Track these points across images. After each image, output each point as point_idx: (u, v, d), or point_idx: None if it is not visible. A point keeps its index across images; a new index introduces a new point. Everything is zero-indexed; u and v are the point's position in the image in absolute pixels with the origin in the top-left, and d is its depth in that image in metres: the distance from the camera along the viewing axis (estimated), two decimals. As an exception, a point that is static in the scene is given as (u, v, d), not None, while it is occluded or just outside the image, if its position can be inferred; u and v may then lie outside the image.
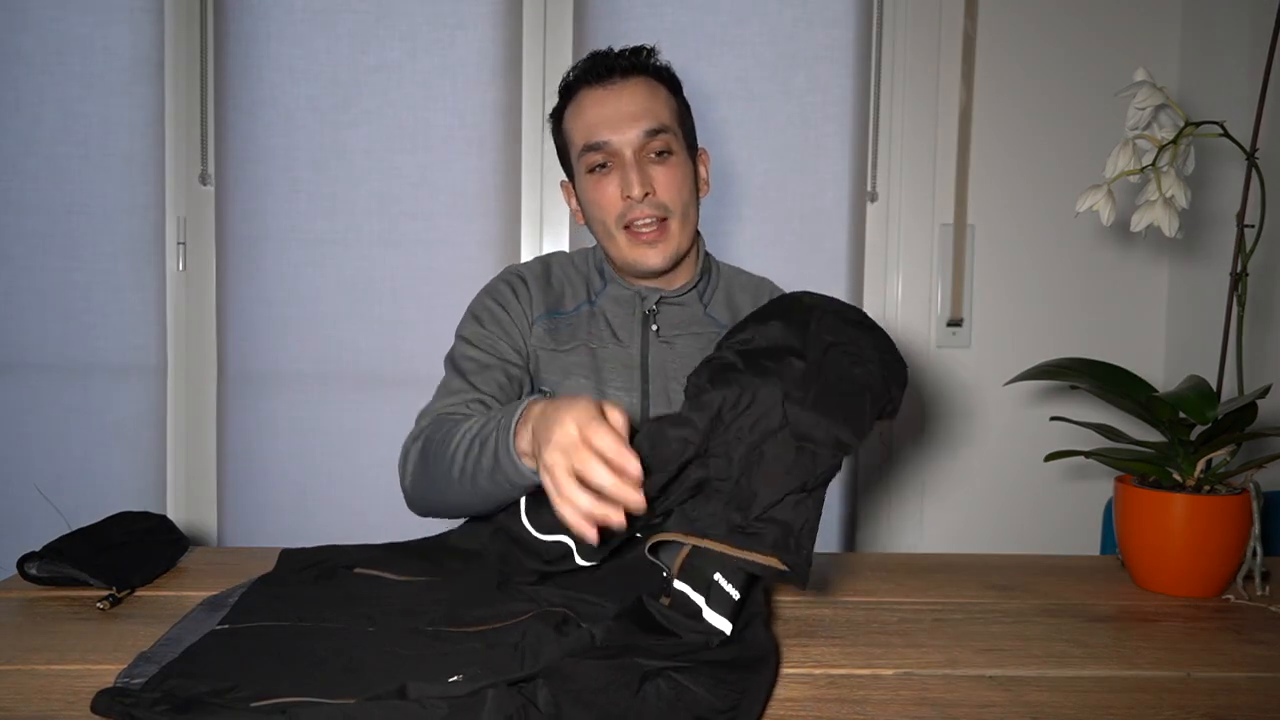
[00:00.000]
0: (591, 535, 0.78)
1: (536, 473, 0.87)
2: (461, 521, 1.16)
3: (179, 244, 2.06)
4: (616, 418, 0.81)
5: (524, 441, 0.89)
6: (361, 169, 2.04)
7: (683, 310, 1.23)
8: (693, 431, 0.84)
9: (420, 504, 1.12)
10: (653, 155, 1.15)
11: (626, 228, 1.15)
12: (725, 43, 2.03)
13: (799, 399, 0.84)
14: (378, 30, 2.03)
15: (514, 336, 1.20)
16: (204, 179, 2.05)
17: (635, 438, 0.83)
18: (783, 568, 0.81)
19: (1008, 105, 2.05)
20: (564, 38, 2.02)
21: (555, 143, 1.25)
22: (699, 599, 0.82)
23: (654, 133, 1.14)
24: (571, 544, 0.92)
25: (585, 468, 0.77)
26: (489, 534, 1.05)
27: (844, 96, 2.05)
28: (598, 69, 1.17)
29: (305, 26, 2.02)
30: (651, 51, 1.20)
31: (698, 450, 0.84)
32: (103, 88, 2.04)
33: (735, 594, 0.82)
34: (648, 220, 1.15)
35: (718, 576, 0.82)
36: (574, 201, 1.25)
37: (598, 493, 0.77)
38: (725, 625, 0.81)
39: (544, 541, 0.93)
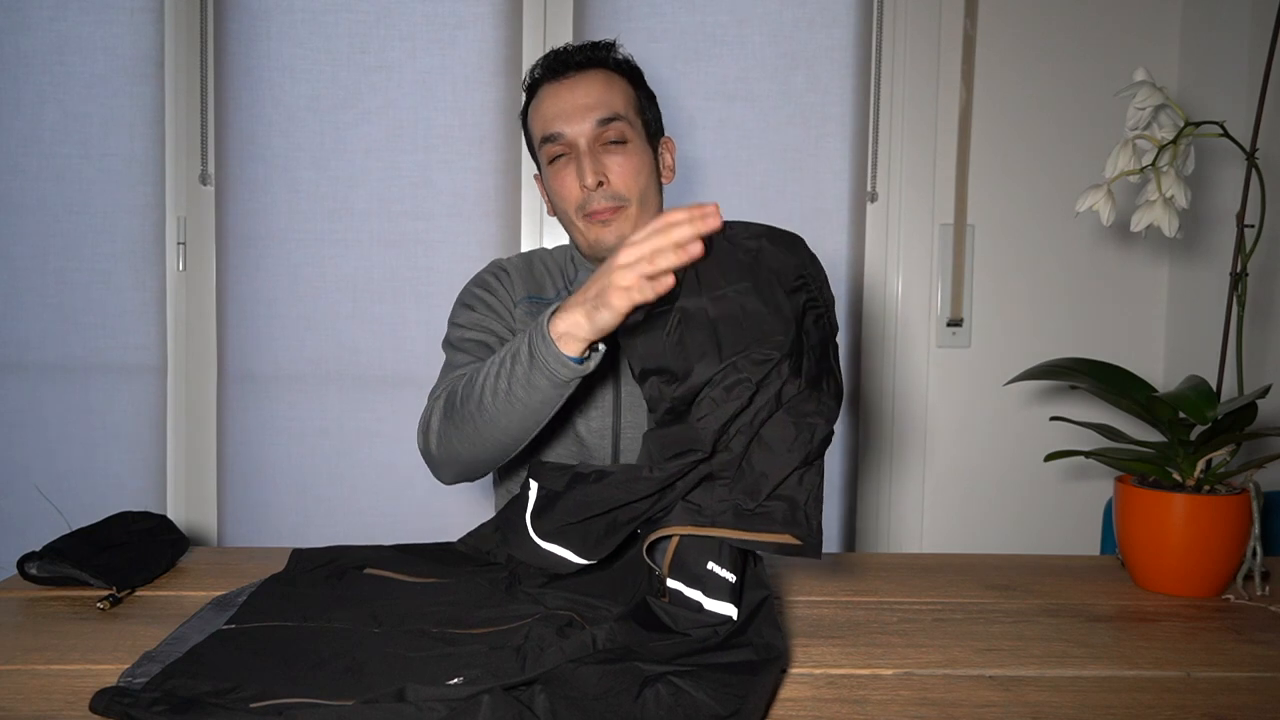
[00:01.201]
0: (697, 250, 0.84)
1: (575, 358, 0.94)
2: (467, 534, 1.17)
3: (179, 244, 2.06)
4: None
5: (562, 323, 0.93)
6: (361, 169, 2.04)
7: None
8: (703, 440, 0.85)
9: (448, 460, 1.11)
10: (607, 143, 1.18)
11: (586, 215, 1.19)
12: (725, 43, 2.03)
13: (794, 381, 0.85)
14: (378, 30, 2.03)
15: (504, 317, 1.25)
16: (204, 179, 2.05)
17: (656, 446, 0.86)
18: (796, 542, 0.82)
19: (1008, 105, 2.05)
20: (564, 38, 2.02)
21: (525, 139, 1.30)
22: (695, 594, 0.82)
23: (607, 121, 1.18)
24: (568, 554, 0.92)
25: (660, 247, 0.84)
26: (496, 541, 1.05)
27: (844, 96, 2.05)
28: (555, 65, 1.21)
29: (305, 26, 2.02)
30: (611, 46, 1.24)
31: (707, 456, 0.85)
32: (103, 88, 2.04)
33: (731, 577, 0.83)
34: (604, 210, 1.18)
35: (711, 565, 0.82)
36: (544, 193, 1.29)
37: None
38: (730, 610, 0.81)
39: (543, 549, 0.93)
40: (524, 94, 1.27)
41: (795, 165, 2.05)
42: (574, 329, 0.93)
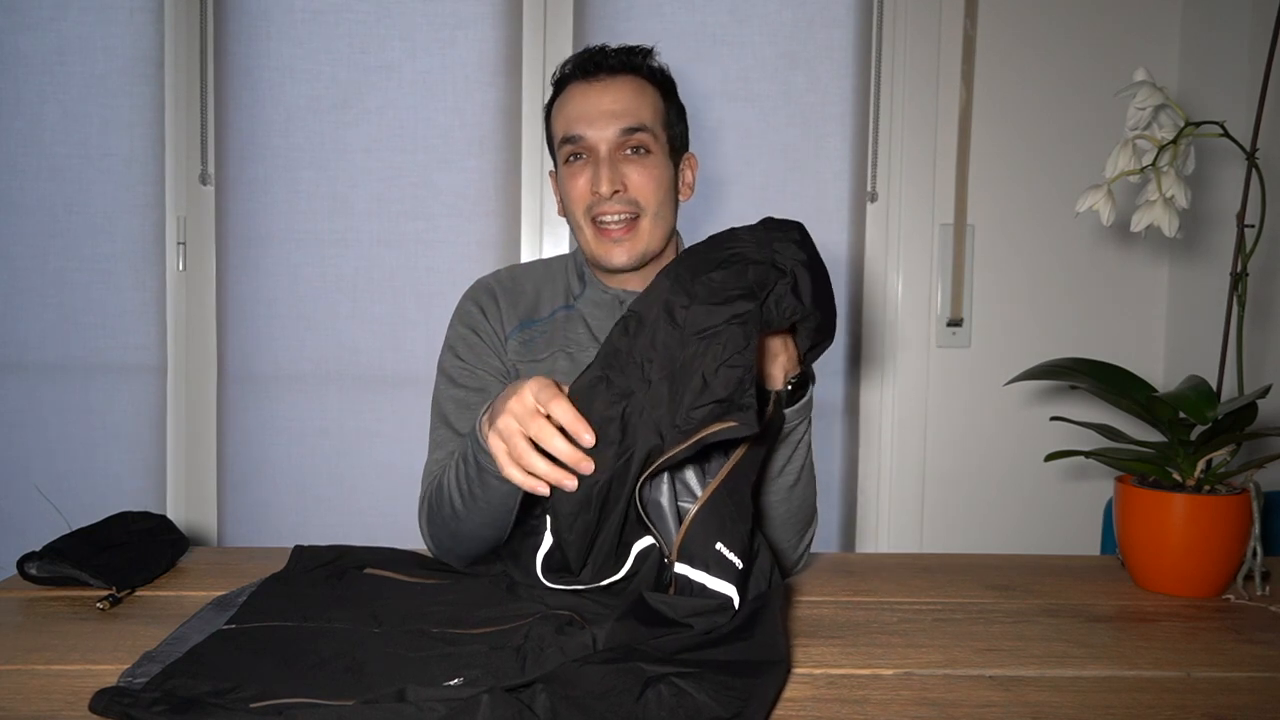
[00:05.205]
0: (544, 490, 0.85)
1: None
2: None
3: (179, 244, 2.06)
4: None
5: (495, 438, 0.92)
6: (361, 169, 2.04)
7: None
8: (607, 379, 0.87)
9: (452, 557, 1.09)
10: (628, 152, 1.16)
11: (594, 221, 1.17)
12: (725, 43, 2.04)
13: (683, 304, 0.86)
14: (378, 30, 2.03)
15: (491, 359, 1.19)
16: (204, 179, 2.05)
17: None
18: (731, 423, 0.82)
19: (1008, 105, 2.05)
20: (564, 38, 2.02)
21: (545, 134, 1.27)
22: (699, 575, 0.83)
23: (631, 131, 1.15)
24: (578, 586, 0.92)
25: (542, 434, 0.85)
26: (501, 568, 1.05)
27: (844, 96, 2.05)
28: (587, 65, 1.18)
29: (305, 26, 2.02)
30: (647, 53, 1.21)
31: (617, 389, 0.87)
32: (103, 88, 2.04)
33: (738, 562, 0.83)
34: (617, 217, 1.15)
35: (719, 545, 0.83)
36: (557, 191, 1.26)
37: (551, 459, 0.85)
38: (731, 590, 0.82)
39: (551, 590, 0.93)
40: (551, 87, 1.24)
41: (795, 165, 2.05)
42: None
